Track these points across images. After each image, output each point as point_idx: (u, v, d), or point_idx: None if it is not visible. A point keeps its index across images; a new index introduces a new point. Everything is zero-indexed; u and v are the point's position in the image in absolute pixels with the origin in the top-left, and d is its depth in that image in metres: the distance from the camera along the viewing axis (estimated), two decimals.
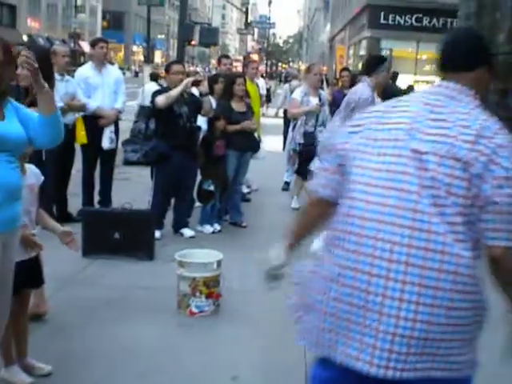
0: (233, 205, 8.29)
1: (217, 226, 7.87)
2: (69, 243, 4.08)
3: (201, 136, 7.85)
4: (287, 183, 10.84)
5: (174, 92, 7.18)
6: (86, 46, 53.48)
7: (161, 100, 7.19)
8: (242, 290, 5.77)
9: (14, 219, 3.35)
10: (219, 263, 5.33)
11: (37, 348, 4.29)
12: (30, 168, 3.92)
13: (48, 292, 5.06)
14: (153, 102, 7.35)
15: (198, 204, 8.01)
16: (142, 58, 70.01)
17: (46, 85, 3.39)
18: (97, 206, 8.19)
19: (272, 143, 13.41)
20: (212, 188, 7.69)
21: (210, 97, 8.12)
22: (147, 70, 18.19)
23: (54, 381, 4.09)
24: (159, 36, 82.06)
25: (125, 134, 11.58)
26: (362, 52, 31.57)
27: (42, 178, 4.07)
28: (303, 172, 9.01)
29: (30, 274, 3.98)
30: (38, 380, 4.05)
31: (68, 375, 4.16)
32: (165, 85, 8.41)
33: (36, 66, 3.28)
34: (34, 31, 54.09)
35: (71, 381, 4.10)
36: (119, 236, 6.63)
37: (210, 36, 19.31)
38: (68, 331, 4.82)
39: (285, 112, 13.29)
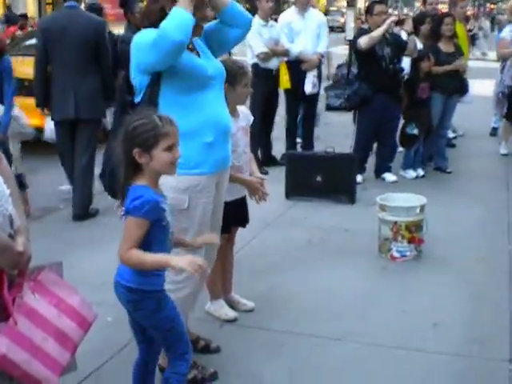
0: (437, 150, 8.02)
1: (420, 171, 7.68)
2: (256, 190, 3.96)
3: (404, 78, 7.63)
4: (495, 128, 10.31)
5: (377, 32, 7.02)
6: None
7: (363, 41, 7.06)
8: (445, 237, 5.59)
9: (226, 159, 3.43)
10: (422, 208, 5.19)
11: (241, 284, 4.47)
12: (241, 109, 3.99)
13: (253, 231, 5.25)
14: (355, 44, 7.25)
15: (400, 149, 7.85)
16: (344, 3, 69.12)
17: None
18: (299, 150, 8.29)
19: (479, 87, 12.78)
20: (415, 132, 7.48)
21: (415, 37, 7.84)
22: (350, 15, 17.95)
23: (256, 317, 4.24)
24: None
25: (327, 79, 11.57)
26: None
27: (252, 118, 4.11)
28: None
29: (237, 214, 4.10)
30: (241, 315, 4.22)
31: (269, 312, 4.29)
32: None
33: None
34: None
35: (272, 318, 4.22)
36: (321, 179, 6.69)
37: None
38: (271, 269, 4.97)
39: None
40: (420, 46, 7.79)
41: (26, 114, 6.47)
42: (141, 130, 2.63)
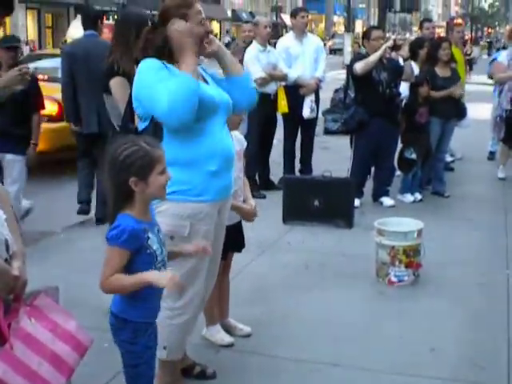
0: (435, 174, 8.04)
1: (418, 196, 7.68)
2: (249, 217, 4.03)
3: (403, 102, 7.67)
4: (492, 152, 10.34)
5: (373, 57, 7.07)
6: (287, 19, 54.16)
7: (359, 66, 7.12)
8: (443, 262, 5.58)
9: (229, 187, 3.42)
10: (420, 232, 5.19)
11: (238, 309, 4.45)
12: (234, 134, 3.99)
13: (250, 256, 5.24)
14: (352, 68, 7.30)
15: (398, 172, 7.86)
16: (342, 28, 69.72)
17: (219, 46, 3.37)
18: (297, 174, 8.31)
19: (477, 110, 12.84)
20: (414, 156, 7.51)
21: (412, 62, 7.89)
22: (347, 39, 18.18)
23: (252, 342, 4.22)
24: (360, 5, 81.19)
25: (325, 104, 11.62)
26: None
27: (245, 143, 4.13)
28: (510, 140, 8.57)
29: (233, 239, 4.09)
30: (238, 340, 4.19)
31: (266, 337, 4.26)
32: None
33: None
34: (238, 6, 55.70)
35: (269, 343, 4.20)
36: (319, 203, 6.69)
37: (412, 1, 18.88)
38: (268, 294, 4.95)
39: None
40: (417, 70, 7.84)
41: None
42: (134, 158, 2.60)
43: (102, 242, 4.82)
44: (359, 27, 71.21)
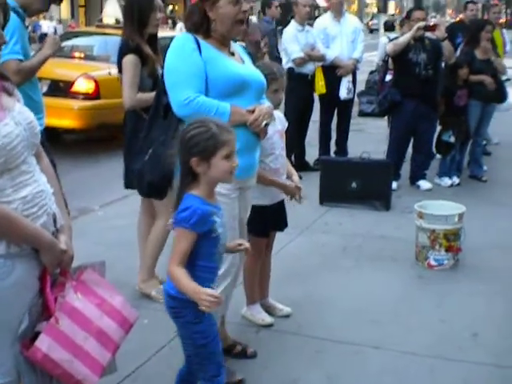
0: (473, 157, 7.93)
1: (456, 179, 7.58)
2: (293, 194, 3.99)
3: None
4: None
5: (402, 38, 7.05)
6: (321, 0, 53.66)
7: (389, 47, 7.17)
8: (482, 246, 5.50)
9: (253, 166, 3.38)
10: (461, 216, 5.11)
11: (277, 289, 4.42)
12: (277, 113, 3.94)
13: (288, 237, 5.21)
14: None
15: (439, 156, 7.74)
16: (375, 10, 69.06)
17: None
18: (333, 155, 8.23)
19: None
20: (452, 139, 7.40)
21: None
22: (382, 20, 18.03)
23: (291, 322, 4.19)
24: None
25: (360, 86, 11.50)
26: None
27: (286, 123, 4.09)
28: None
29: (275, 218, 4.07)
30: (278, 320, 4.18)
31: (305, 318, 4.24)
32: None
33: None
34: None
35: (308, 324, 4.17)
36: (356, 185, 6.63)
37: None
38: (306, 275, 4.92)
39: None
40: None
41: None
42: (198, 139, 2.59)
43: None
44: (392, 9, 70.37)
